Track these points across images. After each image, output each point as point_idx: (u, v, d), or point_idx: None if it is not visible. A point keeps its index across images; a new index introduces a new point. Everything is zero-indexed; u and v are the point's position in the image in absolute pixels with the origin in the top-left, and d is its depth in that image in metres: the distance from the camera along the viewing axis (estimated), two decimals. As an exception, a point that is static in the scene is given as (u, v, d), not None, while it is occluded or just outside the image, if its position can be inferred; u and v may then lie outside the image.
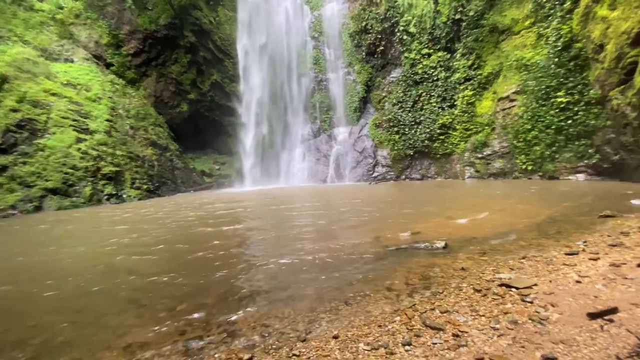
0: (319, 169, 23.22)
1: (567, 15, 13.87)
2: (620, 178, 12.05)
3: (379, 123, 22.13)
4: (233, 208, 11.22)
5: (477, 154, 17.87)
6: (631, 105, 10.56)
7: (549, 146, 14.35)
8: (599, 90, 12.32)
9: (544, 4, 15.10)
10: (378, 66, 22.91)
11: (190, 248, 5.93)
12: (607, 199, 8.43)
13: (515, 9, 16.65)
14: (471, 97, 18.55)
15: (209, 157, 26.71)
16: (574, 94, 13.33)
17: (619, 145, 11.77)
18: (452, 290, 3.35)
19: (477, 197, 11.26)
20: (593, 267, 3.57)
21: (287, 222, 7.93)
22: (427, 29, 19.98)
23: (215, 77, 25.12)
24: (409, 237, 5.76)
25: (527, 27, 16.04)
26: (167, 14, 22.36)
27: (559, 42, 13.91)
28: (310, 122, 24.97)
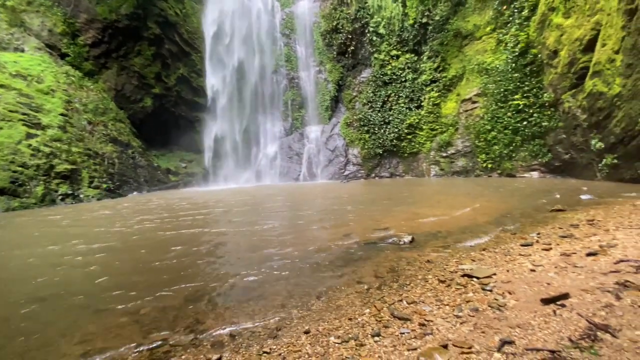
0: (291, 167, 23.10)
1: (524, 23, 14.86)
2: (570, 175, 13.15)
3: (350, 122, 22.43)
4: (199, 208, 10.83)
5: (441, 153, 18.68)
6: (581, 108, 11.54)
7: (507, 146, 15.32)
8: (552, 93, 13.34)
9: (504, 11, 16.07)
10: (349, 66, 23.19)
11: (153, 250, 5.65)
12: (558, 194, 9.16)
13: (477, 16, 17.56)
14: (437, 98, 19.33)
15: (175, 154, 25.61)
16: (530, 97, 14.33)
17: (569, 145, 12.83)
18: (418, 282, 3.48)
19: (442, 194, 11.77)
20: (546, 256, 3.86)
21: (256, 221, 7.79)
22: (395, 31, 20.52)
23: (182, 71, 24.12)
24: (379, 232, 5.90)
25: (488, 33, 16.99)
26: (129, 4, 21.10)
27: (516, 48, 14.89)
28: (282, 120, 24.77)
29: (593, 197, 7.92)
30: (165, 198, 15.10)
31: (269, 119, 24.84)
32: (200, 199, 13.82)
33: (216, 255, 5.17)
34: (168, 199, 14.45)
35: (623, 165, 10.15)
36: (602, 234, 4.61)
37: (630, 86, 9.00)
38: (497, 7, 16.33)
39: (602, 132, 10.66)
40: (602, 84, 10.12)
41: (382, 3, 20.97)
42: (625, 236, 4.31)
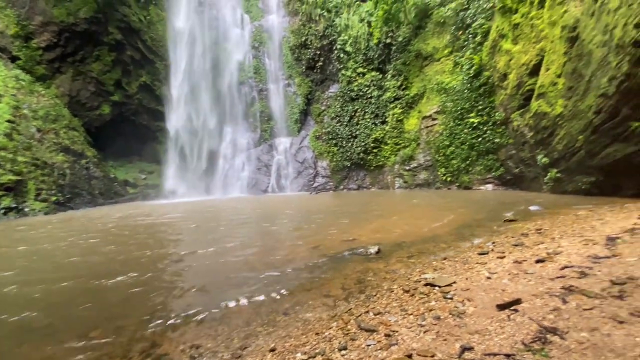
0: (259, 178, 22.78)
1: (478, 47, 16.17)
2: (520, 188, 14.23)
3: (319, 135, 22.73)
4: (157, 223, 10.23)
5: (405, 166, 19.46)
6: (528, 126, 12.63)
7: (464, 160, 16.33)
8: (502, 113, 14.50)
9: (460, 36, 17.40)
10: (317, 80, 23.68)
11: (105, 269, 5.23)
12: (510, 205, 9.86)
13: (436, 39, 18.84)
14: (400, 114, 20.25)
15: (134, 165, 24.23)
16: (483, 116, 15.48)
17: (519, 160, 13.93)
18: (384, 293, 3.53)
19: (405, 206, 12.19)
20: (500, 264, 4.10)
21: (220, 236, 7.49)
22: (361, 50, 21.40)
23: (145, 78, 23.16)
24: (347, 244, 5.94)
25: (446, 55, 18.26)
26: (89, 7, 20.10)
27: (471, 70, 16.11)
28: (250, 131, 24.51)
29: (540, 208, 8.62)
30: (122, 212, 14.15)
31: (237, 130, 24.48)
32: (160, 213, 13.09)
33: (175, 274, 4.89)
34: (124, 213, 13.54)
35: (565, 179, 11.19)
36: (548, 242, 5.00)
37: (571, 107, 10.04)
38: (454, 32, 17.66)
39: (546, 149, 11.72)
40: (546, 105, 11.20)
41: (348, 22, 21.83)
42: (569, 244, 4.71)
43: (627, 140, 8.35)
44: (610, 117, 8.43)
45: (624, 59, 7.36)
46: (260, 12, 25.33)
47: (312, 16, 22.74)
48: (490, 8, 15.20)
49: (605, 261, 3.68)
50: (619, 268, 3.33)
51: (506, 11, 13.15)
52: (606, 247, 4.26)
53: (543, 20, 11.12)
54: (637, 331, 2.10)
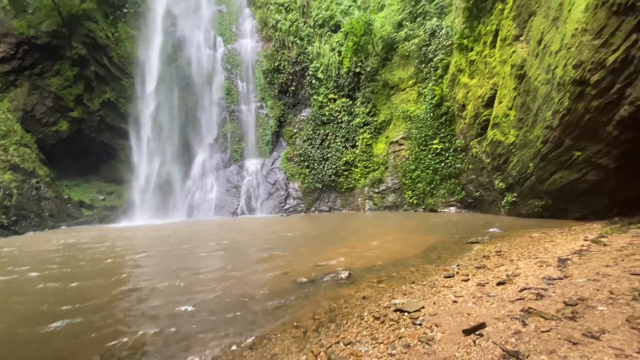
0: (228, 200, 22.16)
1: (439, 80, 17.40)
2: (481, 210, 15.03)
3: (290, 157, 22.81)
4: (111, 250, 9.39)
5: (374, 189, 19.96)
6: (485, 153, 13.56)
7: (429, 184, 17.07)
8: (462, 140, 15.51)
9: (423, 69, 18.69)
10: (290, 104, 24.08)
11: (50, 306, 4.72)
12: (472, 228, 10.35)
13: (401, 70, 20.08)
14: (369, 139, 20.98)
15: (92, 185, 22.67)
16: (445, 142, 16.44)
17: (478, 184, 14.80)
18: (355, 320, 3.49)
19: (376, 228, 12.38)
20: (465, 287, 4.24)
21: (184, 264, 6.99)
22: (332, 77, 22.24)
23: (109, 95, 22.23)
24: (318, 269, 5.86)
25: (411, 85, 19.45)
26: (52, 21, 19.31)
27: (433, 100, 17.22)
28: (220, 152, 24.06)
29: (499, 231, 9.13)
30: (73, 237, 13.01)
31: (206, 151, 23.94)
32: (116, 239, 12.19)
33: (134, 306, 4.52)
34: (75, 238, 12.46)
35: (520, 202, 12.02)
36: (508, 264, 5.28)
37: (522, 137, 10.98)
38: (417, 65, 18.96)
39: (502, 174, 12.60)
40: (500, 134, 12.17)
41: (320, 51, 22.73)
42: (525, 265, 5.00)
43: (570, 167, 9.22)
44: (555, 147, 9.31)
45: (565, 95, 8.26)
46: (234, 36, 25.69)
47: (285, 43, 23.43)
48: (449, 45, 16.58)
49: (558, 282, 3.93)
50: (571, 289, 3.57)
51: (463, 49, 14.40)
52: (558, 269, 4.57)
53: (495, 58, 12.29)
54: (590, 352, 2.23)
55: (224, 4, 26.01)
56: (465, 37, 14.09)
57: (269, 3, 24.30)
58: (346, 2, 23.84)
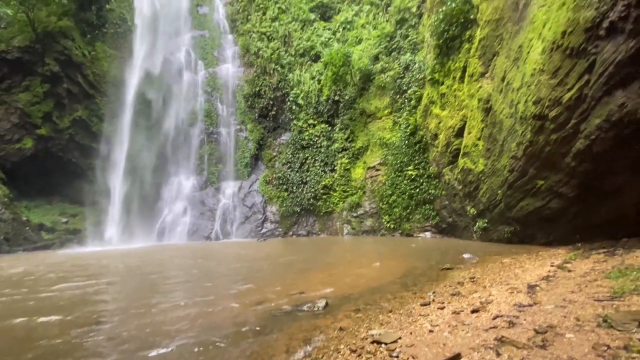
0: (202, 224, 21.44)
1: (413, 110, 18.29)
2: (454, 235, 15.43)
3: (269, 180, 22.68)
4: (73, 278, 8.72)
5: (352, 213, 20.09)
6: (457, 180, 14.13)
7: (405, 209, 17.43)
8: (435, 167, 16.13)
9: (397, 99, 19.63)
10: (270, 128, 24.28)
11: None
12: (446, 253, 10.54)
13: (378, 100, 20.99)
14: (347, 164, 21.38)
15: (55, 206, 21.26)
16: (419, 169, 17.05)
17: (451, 210, 15.28)
18: (331, 354, 3.37)
19: (354, 253, 12.33)
20: (441, 315, 4.25)
21: (149, 297, 6.34)
22: (312, 104, 22.84)
23: (81, 113, 21.49)
24: (294, 298, 5.69)
25: (386, 114, 20.30)
26: (25, 36, 18.81)
27: (407, 129, 17.99)
28: (196, 174, 23.54)
29: (472, 256, 9.35)
30: (27, 263, 11.97)
31: (182, 172, 23.36)
32: (76, 266, 11.32)
33: (91, 344, 4.15)
34: (30, 265, 11.47)
35: (491, 228, 12.47)
36: (481, 291, 5.37)
37: (490, 165, 11.59)
38: (393, 96, 19.93)
39: (474, 201, 13.12)
40: (470, 162, 12.80)
41: (300, 78, 23.44)
42: (498, 292, 5.11)
43: (535, 195, 9.77)
44: (520, 176, 9.88)
45: (527, 128, 8.89)
46: (215, 61, 26.01)
47: (266, 70, 23.98)
48: (421, 79, 17.63)
49: (528, 309, 4.03)
50: (540, 316, 3.67)
51: (434, 82, 15.35)
52: (528, 295, 4.71)
53: (464, 92, 13.15)
54: (559, 382, 2.26)
55: (206, 29, 26.49)
56: (436, 71, 15.07)
57: (251, 31, 25.03)
58: (326, 34, 25.02)
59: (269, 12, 25.39)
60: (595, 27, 6.48)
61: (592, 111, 7.13)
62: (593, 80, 6.84)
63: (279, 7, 25.69)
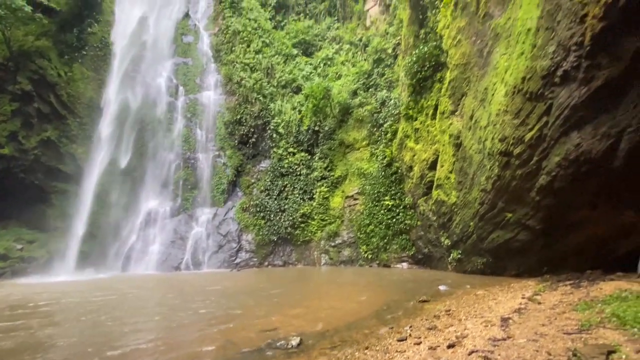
0: (172, 253, 20.36)
1: (389, 142, 18.97)
2: (430, 266, 15.53)
3: (246, 207, 22.23)
4: (16, 318, 7.63)
5: (330, 242, 19.90)
6: (432, 211, 14.48)
7: (382, 238, 17.51)
8: (411, 198, 16.53)
9: (374, 132, 20.39)
10: (249, 155, 24.22)
11: None
12: (423, 285, 10.54)
13: (356, 132, 21.69)
14: (326, 192, 21.49)
15: (10, 231, 19.54)
16: (396, 199, 17.40)
17: (427, 241, 15.50)
18: (304, 397, 3.18)
19: (331, 285, 12.05)
20: (417, 352, 4.16)
21: (104, 343, 5.38)
22: (292, 133, 23.22)
23: (50, 134, 20.55)
24: (266, 335, 5.40)
25: (364, 146, 20.94)
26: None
27: (384, 160, 18.56)
28: (170, 200, 22.70)
29: (447, 288, 9.41)
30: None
31: (154, 197, 22.47)
32: (25, 300, 10.25)
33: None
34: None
35: (465, 259, 12.70)
36: (457, 324, 5.36)
37: (462, 198, 12.03)
38: (370, 129, 20.71)
39: (448, 232, 13.43)
40: (444, 194, 13.24)
41: (282, 108, 23.95)
42: (473, 325, 5.11)
43: (505, 227, 10.16)
44: (490, 208, 10.30)
45: (494, 163, 9.42)
46: (197, 87, 26.16)
47: (248, 98, 24.34)
48: (397, 114, 18.52)
49: (502, 343, 4.04)
50: (514, 350, 3.68)
51: (409, 118, 16.16)
52: (502, 328, 4.74)
53: (436, 128, 13.89)
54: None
55: (190, 57, 26.84)
56: (410, 108, 15.93)
57: (235, 61, 25.61)
58: (308, 68, 26.05)
59: (253, 44, 26.25)
60: (550, 74, 7.19)
61: (552, 150, 7.71)
62: (551, 122, 7.47)
63: (263, 41, 26.67)
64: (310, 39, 27.97)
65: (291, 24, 29.12)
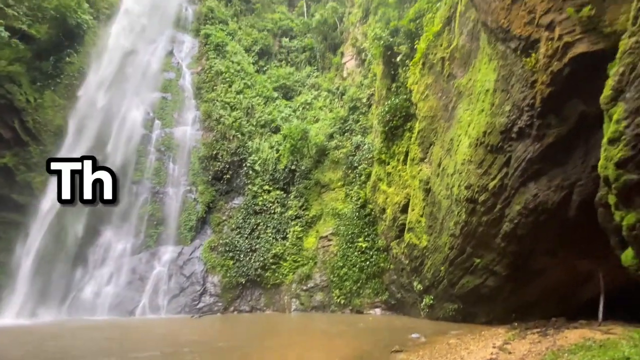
0: (128, 295, 18.63)
1: (363, 184, 19.43)
2: (403, 312, 15.19)
3: (214, 246, 21.22)
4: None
5: (302, 286, 19.14)
6: (404, 255, 14.51)
7: (355, 282, 17.12)
8: (384, 240, 16.60)
9: (349, 174, 20.92)
10: (222, 191, 23.72)
11: None
12: (395, 333, 10.21)
13: (332, 173, 22.16)
14: (300, 232, 21.13)
15: (-64, 268, 17.19)
16: (369, 241, 17.40)
17: (400, 285, 15.32)
18: None
19: (300, 335, 11.37)
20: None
21: None
22: (269, 171, 23.29)
23: (7, 160, 19.23)
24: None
25: (339, 186, 21.29)
26: (-36, 76, 17.50)
27: (358, 201, 18.84)
28: (132, 236, 21.25)
29: (420, 336, 9.16)
30: None
31: (114, 232, 20.98)
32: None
33: None
34: None
35: (437, 305, 12.58)
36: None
37: (432, 242, 12.24)
38: (345, 170, 21.29)
39: (420, 276, 13.41)
40: (415, 238, 13.44)
41: (259, 146, 24.21)
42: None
43: (474, 273, 10.32)
44: (459, 253, 10.51)
45: (462, 209, 9.81)
46: (174, 122, 26.05)
47: (226, 135, 24.45)
48: (370, 157, 19.28)
49: (474, 398, 3.89)
50: (486, 406, 3.54)
51: (382, 162, 16.85)
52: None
53: (407, 173, 14.50)
54: None
55: (170, 93, 27.05)
56: (383, 153, 16.70)
57: (215, 99, 26.08)
58: (287, 111, 26.98)
59: (234, 85, 27.06)
60: (508, 130, 7.89)
61: (513, 198, 8.21)
62: (511, 173, 8.04)
63: (245, 83, 27.61)
64: (290, 84, 29.33)
65: (273, 69, 30.61)
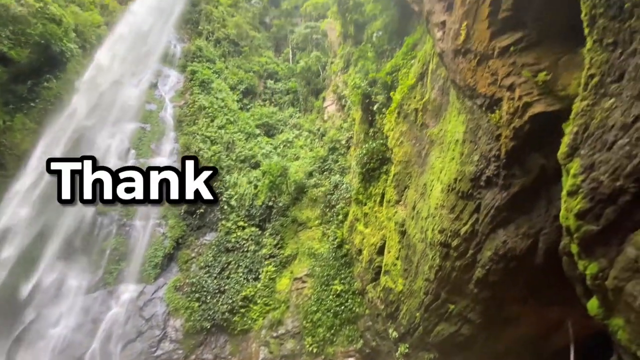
0: (77, 340, 16.74)
1: (340, 224, 19.35)
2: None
3: (179, 286, 19.87)
4: None
5: (272, 332, 17.97)
6: (379, 299, 14.13)
7: (329, 329, 16.29)
8: (360, 283, 16.20)
9: (327, 212, 20.87)
10: (194, 226, 22.82)
11: None
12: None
13: (309, 210, 22.02)
14: (273, 272, 20.31)
15: None
16: (345, 284, 16.93)
17: (375, 332, 14.71)
18: None
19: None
20: None
21: None
22: (245, 206, 22.86)
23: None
24: None
25: (317, 225, 21.07)
26: None
27: (335, 241, 18.62)
28: (89, 272, 19.55)
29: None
30: None
31: (69, 267, 19.24)
32: None
33: None
34: None
35: (412, 355, 12.07)
36: None
37: (408, 286, 12.06)
38: (323, 209, 21.24)
39: (395, 322, 12.98)
40: (391, 281, 13.21)
41: (237, 181, 23.97)
42: None
43: (449, 320, 10.14)
44: (434, 299, 10.38)
45: (436, 253, 9.88)
46: (151, 152, 25.52)
47: (203, 168, 24.14)
48: (348, 197, 19.49)
49: None
50: None
51: (359, 202, 17.03)
52: None
53: (383, 214, 14.65)
54: None
55: (149, 123, 26.81)
56: (360, 193, 16.96)
57: (196, 133, 26.07)
58: (268, 147, 27.30)
59: (217, 120, 27.32)
60: (477, 178, 8.29)
61: (484, 244, 8.39)
62: (481, 219, 8.31)
63: (228, 119, 27.98)
64: (273, 123, 30.03)
65: (257, 107, 31.42)
